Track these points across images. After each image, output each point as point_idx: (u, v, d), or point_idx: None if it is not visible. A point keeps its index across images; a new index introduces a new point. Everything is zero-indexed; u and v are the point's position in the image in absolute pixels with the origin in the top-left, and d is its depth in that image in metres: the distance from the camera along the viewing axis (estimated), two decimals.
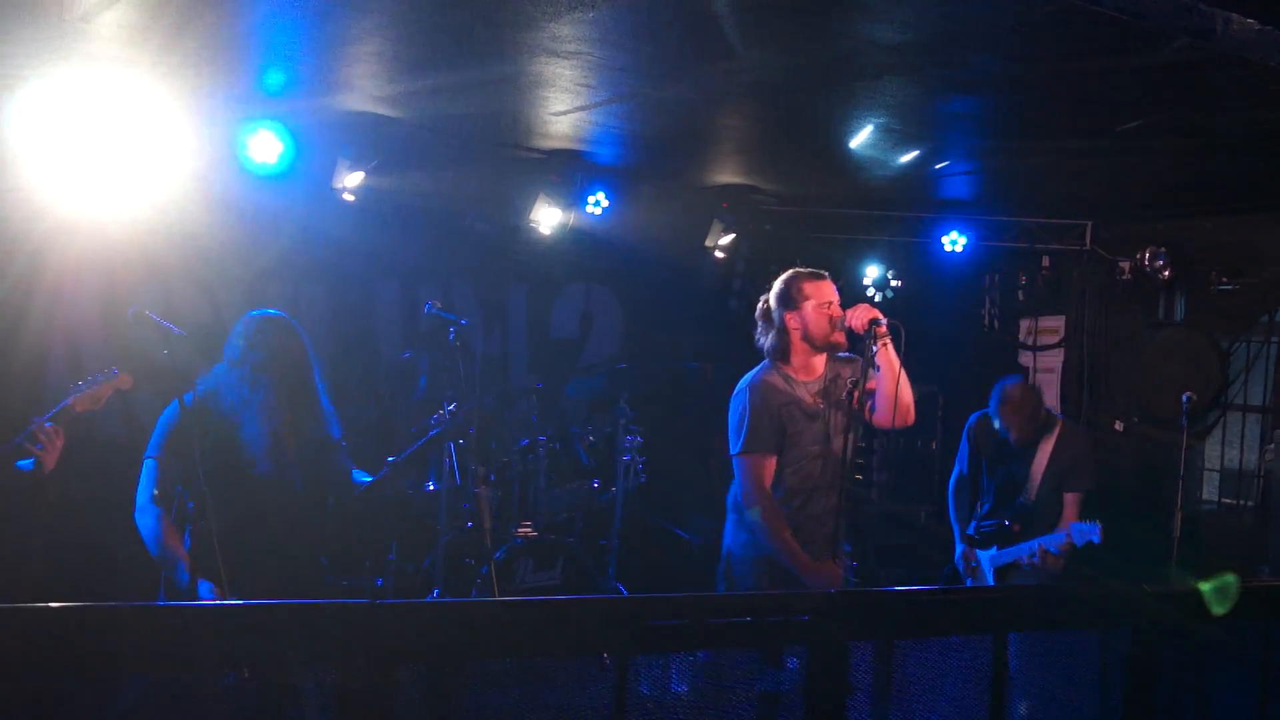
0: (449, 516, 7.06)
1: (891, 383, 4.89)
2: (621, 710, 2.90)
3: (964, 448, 6.85)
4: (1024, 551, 6.41)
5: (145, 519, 4.72)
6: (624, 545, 7.60)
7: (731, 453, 5.06)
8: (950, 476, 6.98)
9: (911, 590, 5.78)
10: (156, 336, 4.77)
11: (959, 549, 6.76)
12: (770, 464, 4.99)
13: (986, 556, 6.59)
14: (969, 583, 6.70)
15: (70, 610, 2.33)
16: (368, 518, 4.82)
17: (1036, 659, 3.64)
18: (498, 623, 2.82)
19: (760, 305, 5.21)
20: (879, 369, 4.91)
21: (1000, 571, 6.53)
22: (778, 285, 5.15)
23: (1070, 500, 6.49)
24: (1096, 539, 6.25)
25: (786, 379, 5.07)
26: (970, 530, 6.71)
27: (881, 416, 4.98)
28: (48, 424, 4.71)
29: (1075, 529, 6.28)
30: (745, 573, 5.03)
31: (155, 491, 4.71)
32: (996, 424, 6.62)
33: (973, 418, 6.88)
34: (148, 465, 4.78)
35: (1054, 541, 6.33)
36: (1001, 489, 6.65)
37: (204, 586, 4.56)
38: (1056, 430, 6.62)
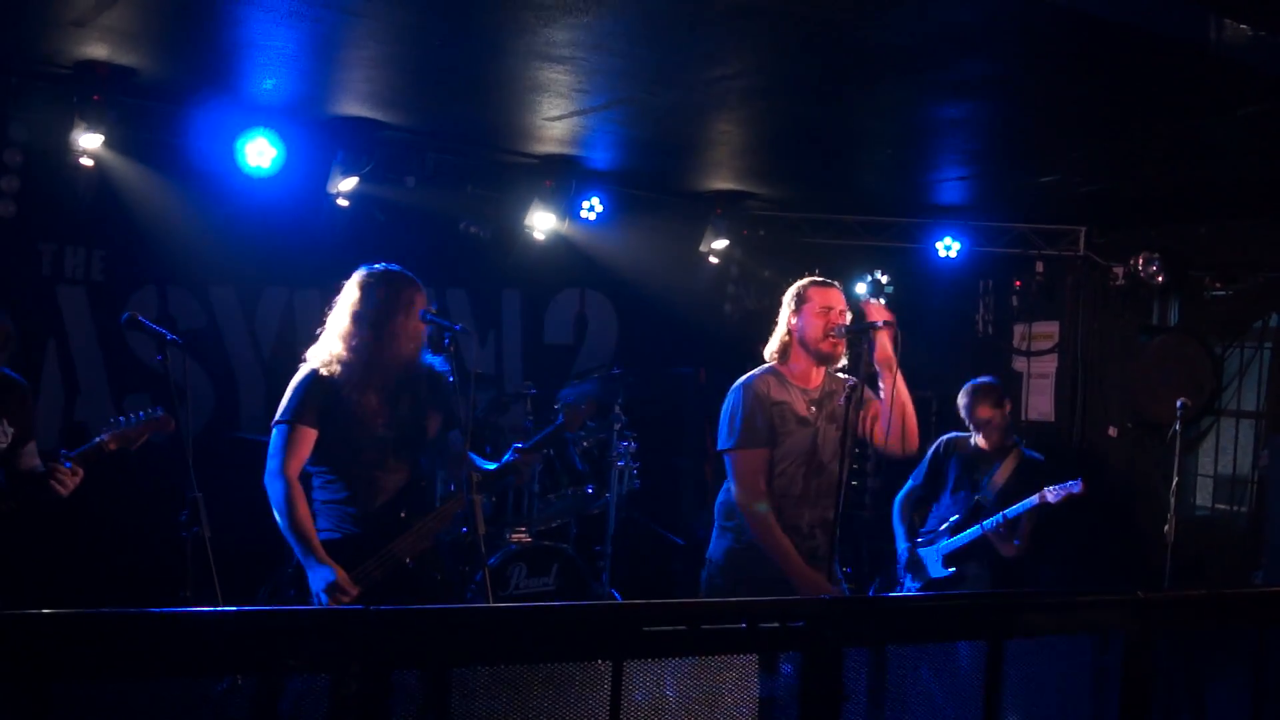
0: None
1: (897, 417, 4.94)
2: (616, 716, 2.89)
3: (924, 464, 6.91)
4: (988, 525, 6.42)
5: (275, 486, 4.59)
6: (618, 551, 7.60)
7: (722, 449, 5.05)
8: (902, 488, 7.03)
9: (906, 596, 5.80)
10: (150, 342, 4.76)
11: (902, 547, 6.80)
12: (764, 457, 4.96)
13: (934, 549, 6.63)
14: (907, 578, 6.74)
15: (64, 616, 2.33)
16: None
17: (1030, 665, 3.64)
18: (492, 629, 2.81)
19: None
20: (881, 397, 4.97)
21: (951, 558, 6.55)
22: (791, 289, 5.21)
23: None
24: (1078, 489, 6.28)
25: (782, 380, 5.09)
26: (920, 538, 6.78)
27: (889, 444, 5.04)
28: (67, 465, 4.66)
29: (1049, 489, 6.32)
30: (725, 584, 5.02)
31: (284, 459, 4.60)
32: (967, 422, 6.73)
33: (942, 438, 6.97)
34: (278, 430, 4.66)
35: (1021, 508, 6.36)
36: (957, 499, 6.71)
37: (324, 570, 4.45)
38: (1016, 457, 6.77)
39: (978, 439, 6.80)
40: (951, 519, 6.64)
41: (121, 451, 4.90)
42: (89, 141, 6.49)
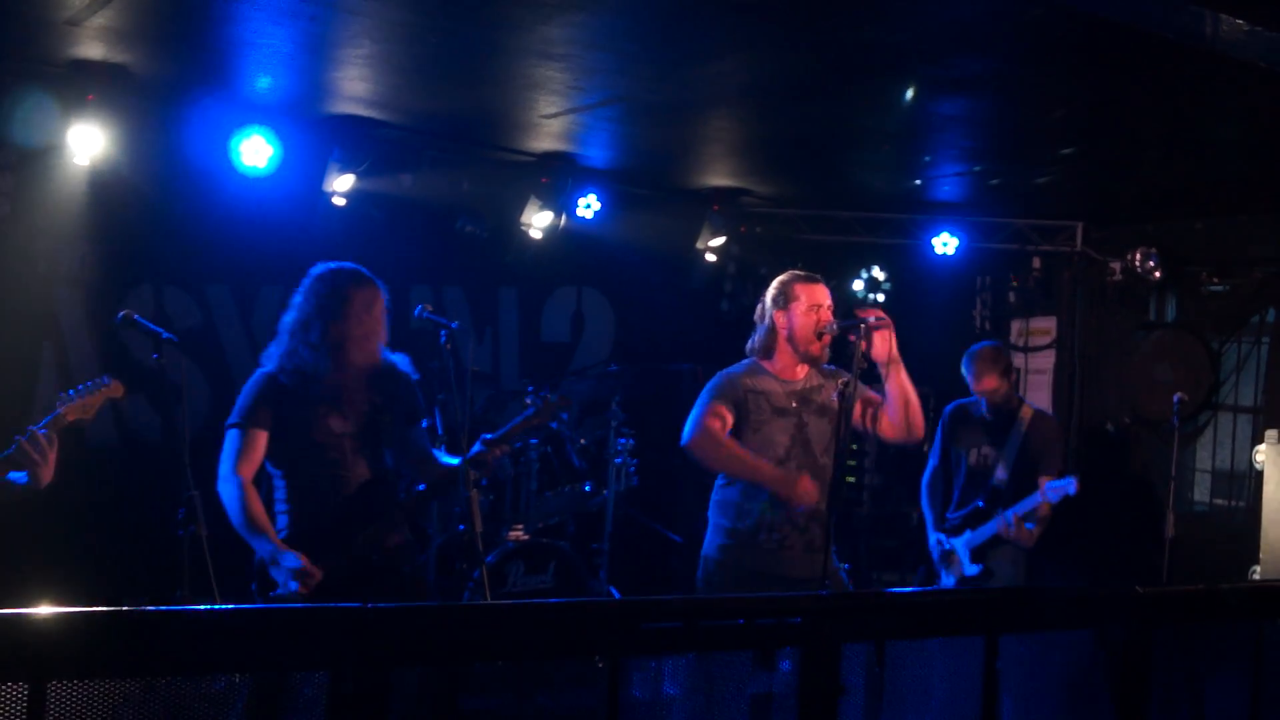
0: (440, 520, 7.05)
1: (898, 403, 4.94)
2: (614, 713, 2.89)
3: (938, 439, 6.89)
4: (997, 524, 6.42)
5: (227, 488, 4.61)
6: (616, 548, 7.60)
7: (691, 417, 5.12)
8: (925, 470, 7.00)
9: (904, 592, 5.80)
10: (146, 340, 4.75)
11: (933, 539, 6.79)
12: (720, 410, 5.03)
13: (961, 542, 6.62)
14: (943, 571, 6.72)
15: (60, 615, 2.32)
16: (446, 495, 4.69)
17: (1029, 660, 3.64)
18: (490, 626, 2.81)
19: (759, 306, 5.25)
20: (886, 391, 4.97)
21: (976, 552, 6.55)
22: (773, 285, 5.21)
23: (1042, 483, 6.50)
24: (1073, 490, 6.26)
25: (760, 371, 5.11)
26: (945, 523, 6.75)
27: (889, 431, 5.03)
28: (42, 432, 4.60)
29: (1049, 486, 6.31)
30: (722, 580, 5.04)
31: (236, 461, 4.61)
32: (970, 387, 6.68)
33: (948, 408, 6.92)
34: (230, 434, 4.69)
35: (1024, 506, 6.35)
36: (974, 473, 6.68)
37: (289, 557, 4.47)
38: (1028, 414, 6.68)
39: (984, 406, 6.75)
40: (973, 505, 6.60)
41: (80, 423, 4.79)
42: (84, 140, 6.47)
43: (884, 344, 4.92)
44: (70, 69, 6.23)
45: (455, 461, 4.88)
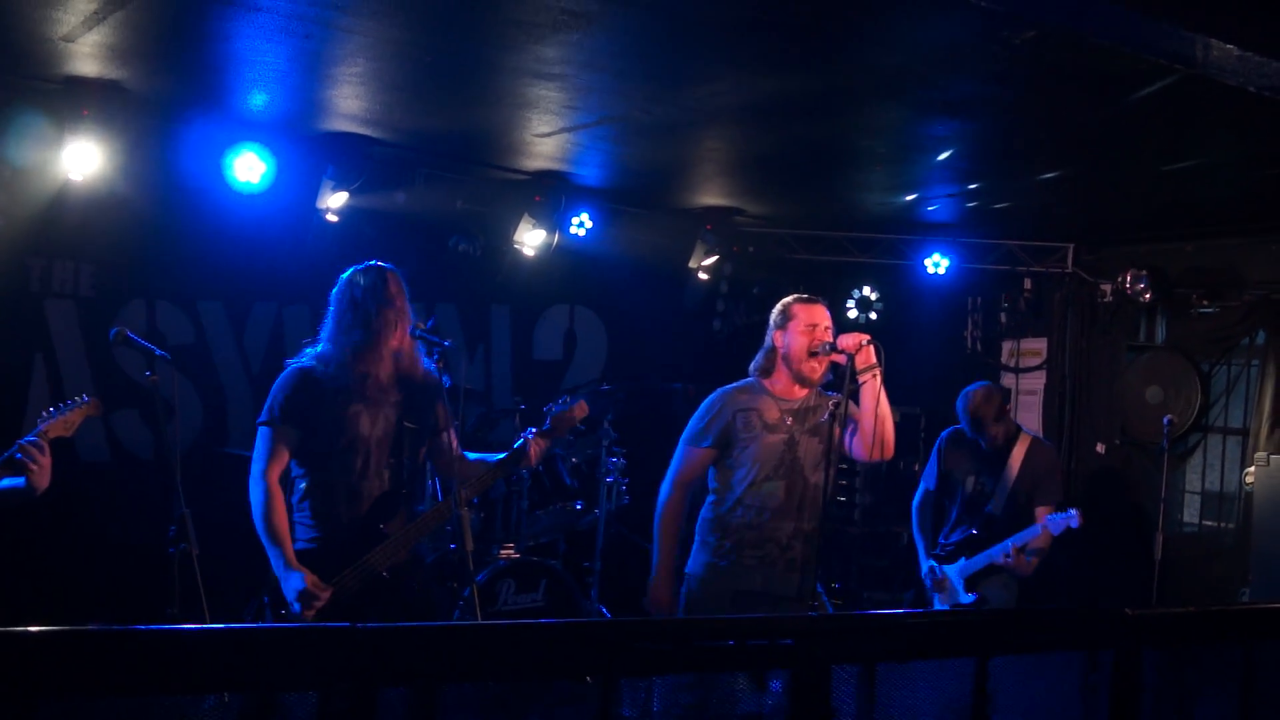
0: (431, 538, 7.04)
1: (871, 416, 4.94)
2: None
3: (933, 463, 6.86)
4: (996, 554, 6.41)
5: (255, 490, 4.55)
6: (607, 567, 7.59)
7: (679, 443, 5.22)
8: (915, 493, 7.00)
9: (894, 613, 5.78)
10: (139, 357, 4.75)
11: (925, 564, 6.78)
12: (698, 457, 5.12)
13: (955, 569, 6.60)
14: (936, 598, 6.71)
15: (50, 633, 2.32)
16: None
17: (1019, 683, 3.64)
18: (480, 646, 2.80)
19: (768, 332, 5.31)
20: (860, 402, 4.98)
21: (970, 581, 6.53)
22: (777, 306, 5.25)
23: (1041, 513, 6.50)
24: (1075, 524, 6.24)
25: (757, 390, 5.14)
26: (937, 549, 6.73)
27: (860, 448, 5.04)
28: (32, 439, 4.59)
29: (1050, 519, 6.30)
30: (704, 597, 5.05)
31: (266, 463, 4.55)
32: (966, 431, 6.67)
33: (945, 432, 6.89)
34: (260, 432, 4.61)
35: (1025, 537, 6.34)
36: (970, 500, 6.65)
37: (295, 578, 4.44)
38: (1025, 442, 6.66)
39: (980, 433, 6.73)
40: (968, 532, 6.59)
41: (61, 440, 4.68)
42: (78, 156, 6.47)
43: (863, 354, 4.94)
44: (65, 85, 6.24)
45: (499, 457, 4.86)
